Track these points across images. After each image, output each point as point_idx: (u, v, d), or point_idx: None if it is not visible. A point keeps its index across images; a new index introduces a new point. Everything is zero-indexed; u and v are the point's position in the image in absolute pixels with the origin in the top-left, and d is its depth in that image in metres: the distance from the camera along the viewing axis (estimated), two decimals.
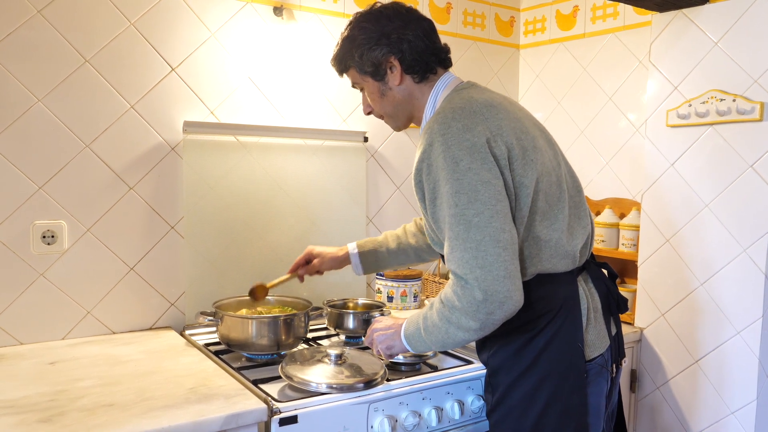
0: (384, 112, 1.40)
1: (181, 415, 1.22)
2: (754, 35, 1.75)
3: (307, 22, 2.09)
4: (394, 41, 1.30)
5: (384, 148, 2.29)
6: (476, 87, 1.33)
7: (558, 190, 1.26)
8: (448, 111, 1.21)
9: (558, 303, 1.25)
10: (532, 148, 1.22)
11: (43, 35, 1.66)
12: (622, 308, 1.37)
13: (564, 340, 1.24)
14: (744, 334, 1.80)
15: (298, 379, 1.41)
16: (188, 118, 1.89)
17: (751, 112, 1.75)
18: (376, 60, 1.31)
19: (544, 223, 1.23)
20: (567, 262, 1.27)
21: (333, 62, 1.42)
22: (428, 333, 1.23)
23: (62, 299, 1.73)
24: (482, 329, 1.15)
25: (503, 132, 1.19)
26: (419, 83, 1.34)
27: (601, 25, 2.33)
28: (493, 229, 1.12)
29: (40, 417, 1.21)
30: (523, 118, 1.28)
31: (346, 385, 1.41)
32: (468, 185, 1.13)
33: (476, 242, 1.12)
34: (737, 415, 1.81)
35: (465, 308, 1.13)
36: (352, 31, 1.34)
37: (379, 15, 1.32)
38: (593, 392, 1.28)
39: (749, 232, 1.78)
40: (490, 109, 1.22)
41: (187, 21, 1.87)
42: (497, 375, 1.30)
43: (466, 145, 1.15)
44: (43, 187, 1.69)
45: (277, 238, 2.05)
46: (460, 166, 1.14)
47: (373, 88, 1.36)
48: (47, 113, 1.68)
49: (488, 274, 1.11)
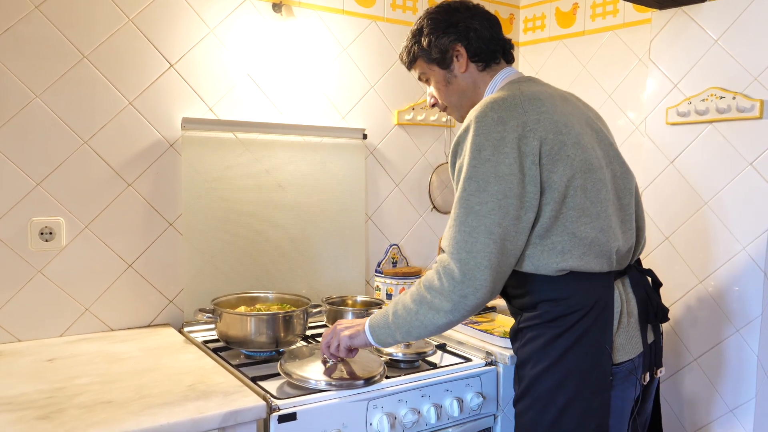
0: (449, 102, 1.45)
1: (180, 412, 1.22)
2: (753, 33, 1.75)
3: (306, 19, 2.08)
4: (461, 30, 1.38)
5: (383, 146, 2.29)
6: (533, 81, 1.37)
7: (602, 189, 1.26)
8: (490, 100, 1.25)
9: (590, 302, 1.25)
10: (572, 143, 1.23)
11: (40, 31, 1.65)
12: (660, 318, 1.37)
13: (592, 340, 1.25)
14: (743, 332, 1.80)
15: (297, 376, 1.40)
16: (187, 115, 1.88)
17: (750, 109, 1.75)
18: (443, 47, 1.38)
19: (582, 219, 1.23)
20: (602, 263, 1.26)
21: (402, 55, 1.48)
22: (396, 317, 1.28)
23: (60, 296, 1.73)
24: (453, 311, 1.20)
25: (539, 126, 1.21)
26: (482, 72, 1.41)
27: (600, 23, 2.33)
28: (489, 220, 1.17)
29: (38, 414, 1.20)
30: (571, 114, 1.30)
31: (346, 381, 1.40)
32: (482, 174, 1.19)
33: (471, 228, 1.18)
34: (736, 413, 1.82)
35: (442, 288, 1.20)
36: (420, 23, 1.42)
37: (448, 7, 1.42)
38: (618, 396, 1.28)
39: (749, 230, 1.78)
40: (532, 102, 1.24)
41: (186, 17, 1.86)
42: (524, 367, 1.32)
43: (495, 136, 1.19)
44: (41, 183, 1.68)
45: (276, 235, 2.04)
46: (482, 155, 1.19)
47: (440, 76, 1.42)
48: (45, 109, 1.68)
49: (472, 259, 1.17)
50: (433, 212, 2.43)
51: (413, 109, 2.33)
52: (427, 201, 2.42)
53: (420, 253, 2.42)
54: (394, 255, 2.31)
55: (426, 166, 2.40)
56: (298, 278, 2.09)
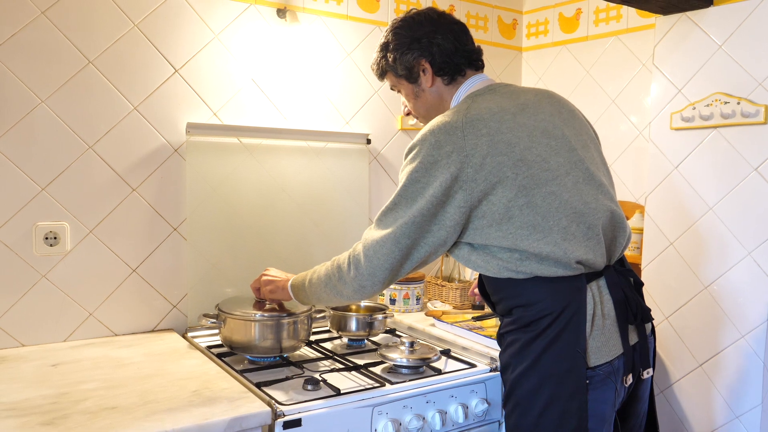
0: (418, 114, 1.50)
1: (185, 418, 1.22)
2: (758, 38, 1.75)
3: (310, 24, 2.08)
4: (425, 45, 1.39)
5: (387, 150, 2.29)
6: (491, 93, 1.36)
7: (555, 201, 1.25)
8: (435, 124, 1.30)
9: (560, 306, 1.25)
10: (513, 163, 1.24)
11: (46, 36, 1.66)
12: (640, 318, 1.34)
13: (564, 344, 1.25)
14: (749, 337, 1.79)
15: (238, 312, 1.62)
16: (191, 120, 1.88)
17: (755, 114, 1.75)
18: (408, 63, 1.41)
19: (534, 236, 1.24)
20: (564, 270, 1.26)
21: (372, 67, 1.52)
22: (311, 285, 1.46)
23: (64, 301, 1.73)
24: (352, 296, 1.38)
25: (476, 152, 1.24)
26: (448, 85, 1.43)
27: (604, 28, 2.33)
28: (401, 232, 1.27)
29: (43, 420, 1.20)
30: (521, 127, 1.28)
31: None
32: (410, 193, 1.28)
33: (385, 234, 1.29)
34: (742, 420, 1.81)
35: (348, 275, 1.35)
36: (387, 37, 1.45)
37: (411, 21, 1.43)
38: (596, 399, 1.27)
39: (754, 235, 1.77)
40: (473, 125, 1.26)
41: (191, 22, 1.87)
42: (506, 371, 1.34)
43: (429, 160, 1.26)
44: (46, 188, 1.69)
45: (280, 239, 2.04)
46: (414, 175, 1.27)
47: (408, 90, 1.46)
48: (50, 114, 1.68)
49: (377, 259, 1.30)
50: None
51: None
52: None
53: None
54: None
55: None
56: None
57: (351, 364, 1.66)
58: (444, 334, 1.89)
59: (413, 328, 2.02)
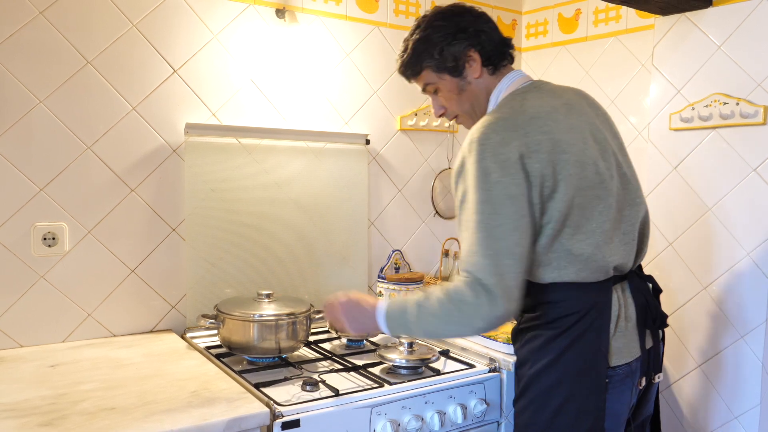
0: (462, 110, 1.40)
1: (184, 419, 1.22)
2: (757, 38, 1.75)
3: (309, 25, 2.08)
4: (471, 34, 1.33)
5: (386, 151, 2.29)
6: (537, 91, 1.32)
7: (600, 204, 1.26)
8: (492, 120, 1.24)
9: (588, 305, 1.26)
10: (574, 162, 1.22)
11: (44, 36, 1.66)
12: (658, 324, 1.36)
13: (588, 343, 1.25)
14: (747, 338, 1.79)
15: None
16: (190, 120, 1.88)
17: (754, 115, 1.75)
18: (456, 54, 1.34)
19: (577, 236, 1.23)
20: (598, 276, 1.27)
21: (403, 68, 1.41)
22: (420, 320, 1.26)
23: (63, 301, 1.72)
24: (485, 328, 1.22)
25: (541, 148, 1.20)
26: (492, 75, 1.37)
27: (603, 29, 2.33)
28: (510, 242, 1.18)
29: (42, 420, 1.20)
30: (575, 128, 1.27)
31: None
32: (495, 197, 1.18)
33: (494, 251, 1.18)
34: (741, 420, 1.81)
35: (476, 307, 1.19)
36: (425, 32, 1.35)
37: (449, 12, 1.36)
38: (614, 398, 1.29)
39: (753, 236, 1.77)
40: (532, 122, 1.23)
41: (189, 23, 1.87)
42: (522, 367, 1.33)
43: (500, 158, 1.19)
44: (45, 188, 1.68)
45: (279, 240, 2.04)
46: (491, 178, 1.19)
47: (451, 85, 1.37)
48: (49, 115, 1.68)
49: (502, 281, 1.17)
50: (435, 218, 2.43)
51: (416, 115, 2.33)
52: (430, 206, 2.41)
53: (422, 258, 2.41)
54: (397, 261, 2.31)
55: (428, 171, 2.40)
56: (301, 283, 2.08)
57: (350, 364, 1.65)
58: None
59: None
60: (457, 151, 2.46)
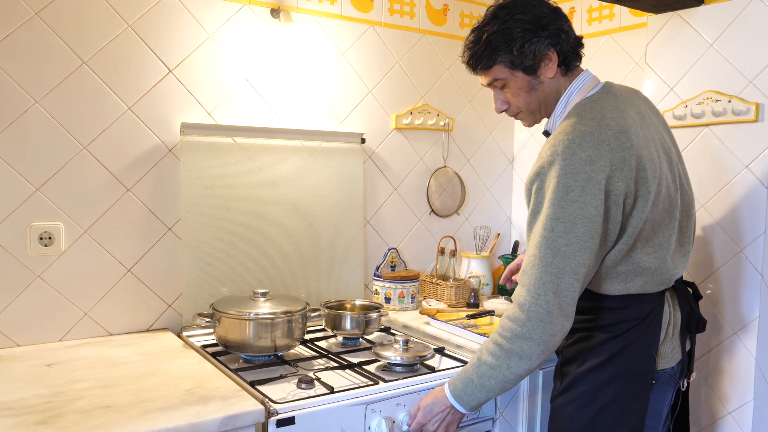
0: (528, 108, 1.35)
1: (179, 416, 1.22)
2: (749, 36, 1.76)
3: (304, 24, 2.09)
4: (553, 32, 1.27)
5: (381, 150, 2.29)
6: (609, 97, 1.29)
7: (668, 218, 1.28)
8: (578, 135, 1.19)
9: (642, 314, 1.29)
10: (653, 178, 1.23)
11: (40, 37, 1.66)
12: (700, 328, 1.41)
13: (640, 348, 1.29)
14: (741, 334, 1.80)
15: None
16: (185, 120, 1.89)
17: (746, 112, 1.75)
18: (537, 52, 1.27)
19: (646, 249, 1.26)
20: (661, 286, 1.31)
21: (474, 60, 1.32)
22: (485, 379, 1.25)
23: (59, 301, 1.73)
24: (544, 352, 1.20)
25: (625, 166, 1.19)
26: (564, 76, 1.32)
27: (597, 27, 2.34)
28: (576, 262, 1.17)
29: (37, 419, 1.20)
30: (651, 142, 1.27)
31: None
32: (569, 216, 1.17)
33: (558, 269, 1.17)
34: (734, 416, 1.82)
35: (528, 331, 1.19)
36: (505, 24, 1.27)
37: (530, 4, 1.28)
38: (657, 398, 1.33)
39: (745, 233, 1.78)
40: (619, 136, 1.20)
41: (185, 23, 1.87)
42: (570, 364, 1.35)
43: (583, 177, 1.16)
44: (41, 188, 1.69)
45: (275, 239, 2.05)
46: (569, 195, 1.17)
47: (523, 83, 1.31)
48: (44, 115, 1.68)
49: (559, 299, 1.18)
50: (431, 216, 2.44)
51: (411, 114, 2.33)
52: (426, 205, 2.42)
53: (418, 256, 2.42)
54: (393, 259, 2.31)
55: (424, 170, 2.41)
56: (296, 282, 2.09)
57: (345, 362, 1.66)
58: (438, 332, 1.90)
59: (408, 326, 2.03)
60: (452, 149, 2.47)
